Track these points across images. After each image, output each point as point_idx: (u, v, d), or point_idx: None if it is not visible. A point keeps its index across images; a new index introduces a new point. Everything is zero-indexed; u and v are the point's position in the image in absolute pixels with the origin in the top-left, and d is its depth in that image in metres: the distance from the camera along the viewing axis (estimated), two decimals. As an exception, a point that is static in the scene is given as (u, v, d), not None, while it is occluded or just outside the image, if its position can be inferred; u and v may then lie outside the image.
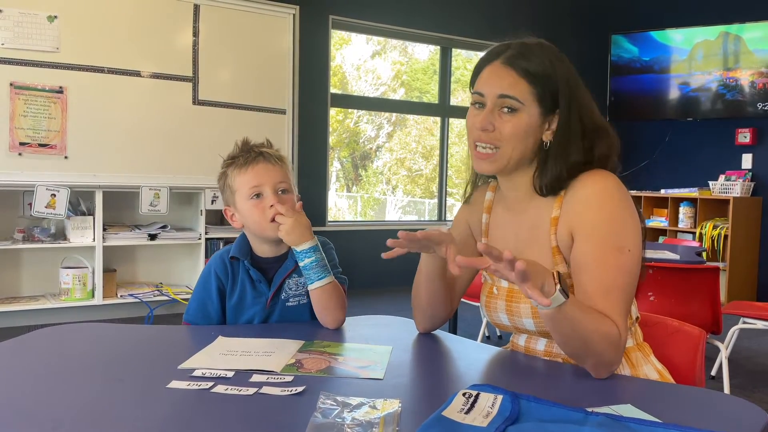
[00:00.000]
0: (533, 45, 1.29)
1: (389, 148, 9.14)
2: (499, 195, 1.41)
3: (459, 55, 6.85)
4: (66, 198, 4.15)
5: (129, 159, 4.42)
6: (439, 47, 6.56)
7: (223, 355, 1.20)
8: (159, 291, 4.59)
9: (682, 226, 6.01)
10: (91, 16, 4.29)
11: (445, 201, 6.69)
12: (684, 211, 5.99)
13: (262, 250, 1.53)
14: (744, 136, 5.94)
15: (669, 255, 3.31)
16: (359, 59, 7.75)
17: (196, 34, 4.65)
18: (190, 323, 1.51)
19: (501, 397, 0.91)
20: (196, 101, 4.66)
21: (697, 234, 5.82)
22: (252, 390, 1.01)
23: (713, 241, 5.69)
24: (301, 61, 5.29)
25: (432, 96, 7.19)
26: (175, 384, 1.04)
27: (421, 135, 8.89)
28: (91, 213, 4.39)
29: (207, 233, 4.76)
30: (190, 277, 4.81)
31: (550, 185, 1.27)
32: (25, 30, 4.09)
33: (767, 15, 5.69)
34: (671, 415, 0.93)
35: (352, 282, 1.62)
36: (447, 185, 6.72)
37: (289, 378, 1.08)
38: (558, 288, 1.02)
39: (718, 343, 2.88)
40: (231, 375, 1.08)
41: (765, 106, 5.72)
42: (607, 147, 1.29)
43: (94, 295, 4.38)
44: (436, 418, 0.86)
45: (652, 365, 1.29)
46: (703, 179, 6.11)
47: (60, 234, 4.40)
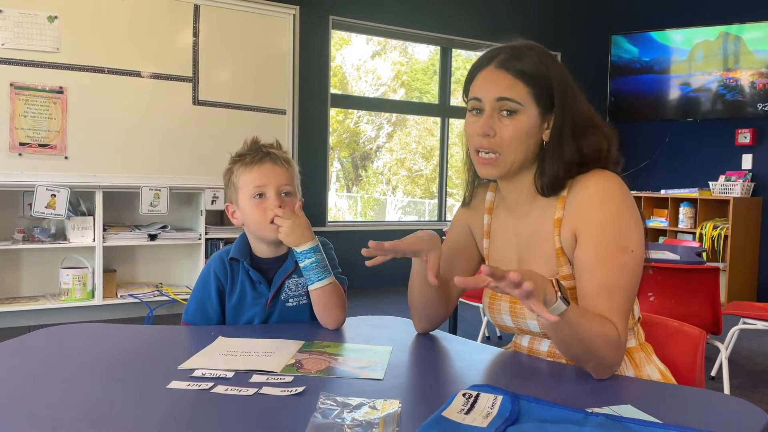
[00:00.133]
0: (524, 47, 1.29)
1: (389, 148, 9.15)
2: (500, 196, 1.40)
3: (459, 56, 6.85)
4: (66, 198, 4.15)
5: (129, 159, 4.42)
6: (439, 47, 6.56)
7: (223, 356, 1.20)
8: (159, 291, 4.59)
9: (682, 226, 6.00)
10: (91, 16, 4.29)
11: (445, 201, 6.69)
12: (684, 212, 5.99)
13: (261, 250, 1.53)
14: (744, 136, 5.94)
15: (669, 255, 3.31)
16: (359, 59, 7.75)
17: (196, 34, 4.66)
18: (189, 323, 1.52)
19: (501, 398, 0.91)
20: (196, 101, 4.66)
21: (697, 234, 5.82)
22: (252, 390, 1.01)
23: (713, 242, 5.69)
24: (301, 62, 5.30)
25: (432, 96, 7.19)
26: (175, 384, 1.04)
27: (421, 135, 8.89)
28: (91, 213, 4.39)
29: (207, 233, 4.76)
30: (190, 278, 4.81)
31: (549, 185, 1.27)
32: (26, 30, 4.09)
33: (767, 15, 5.69)
34: (671, 416, 0.93)
35: (352, 282, 1.62)
36: (447, 186, 6.72)
37: (289, 378, 1.08)
38: (559, 296, 1.01)
39: (718, 344, 2.88)
40: (231, 375, 1.08)
41: (765, 106, 5.72)
42: (604, 142, 1.29)
43: (94, 296, 4.38)
44: (435, 418, 0.86)
45: (654, 365, 1.29)
46: (703, 179, 6.11)
47: (60, 234, 4.40)
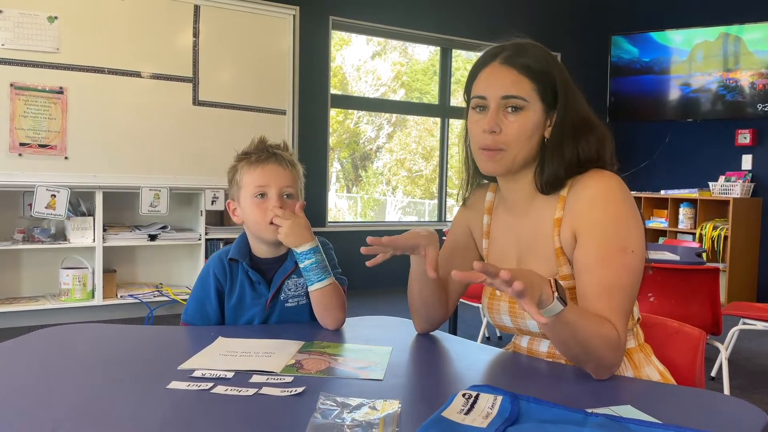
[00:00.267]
0: (527, 44, 1.29)
1: (389, 148, 9.15)
2: (500, 196, 1.40)
3: (459, 56, 6.85)
4: (66, 198, 4.15)
5: (129, 159, 4.42)
6: (439, 48, 6.56)
7: (223, 356, 1.20)
8: (159, 292, 4.59)
9: (682, 226, 6.00)
10: (92, 16, 4.29)
11: (445, 202, 6.69)
12: (684, 212, 5.99)
13: (261, 250, 1.53)
14: (744, 137, 5.94)
15: (669, 256, 3.31)
16: (359, 60, 7.75)
17: (196, 34, 4.66)
18: (188, 323, 1.52)
19: (500, 398, 0.91)
20: (196, 102, 4.66)
21: (697, 235, 5.82)
22: (252, 391, 1.01)
23: (713, 242, 5.69)
24: (301, 62, 5.30)
25: (432, 97, 7.19)
26: (175, 384, 1.04)
27: (421, 136, 8.89)
28: (91, 213, 4.39)
29: (207, 234, 4.76)
30: (190, 278, 4.81)
31: (549, 182, 1.27)
32: (26, 31, 4.09)
33: (767, 16, 5.69)
34: (671, 416, 0.93)
35: (351, 283, 1.62)
36: (447, 186, 6.72)
37: (289, 379, 1.08)
38: (556, 296, 1.01)
39: (718, 344, 2.88)
40: (231, 376, 1.08)
41: (765, 107, 5.72)
42: (601, 143, 1.29)
43: (94, 296, 4.38)
44: (435, 418, 0.86)
45: (654, 366, 1.29)
46: (703, 180, 6.11)
47: (60, 234, 4.40)
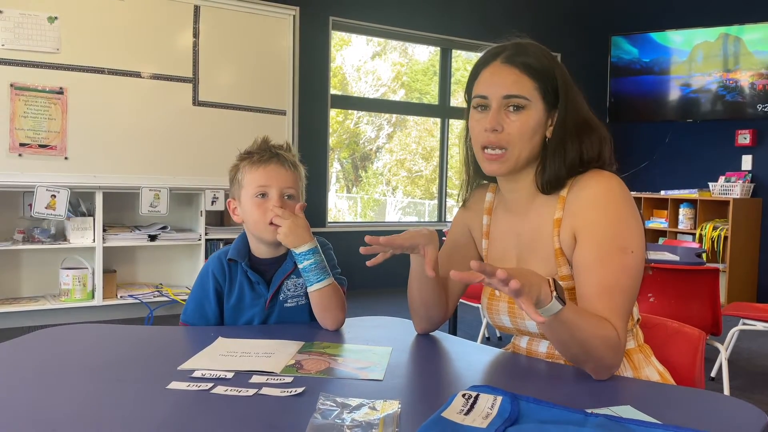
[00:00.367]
0: (527, 43, 1.30)
1: (389, 149, 9.15)
2: (500, 197, 1.40)
3: (459, 57, 6.86)
4: (66, 199, 4.15)
5: (129, 160, 4.42)
6: (439, 48, 6.56)
7: (223, 356, 1.20)
8: (159, 292, 4.59)
9: (681, 227, 6.00)
10: (92, 17, 4.29)
11: (445, 202, 6.69)
12: (684, 213, 5.99)
13: (260, 250, 1.53)
14: (744, 137, 5.95)
15: (669, 256, 3.31)
16: (359, 60, 7.76)
17: (196, 35, 4.66)
18: (187, 324, 1.52)
19: (500, 398, 0.91)
20: (196, 102, 4.66)
21: (697, 235, 5.82)
22: (252, 391, 1.01)
23: (713, 243, 5.69)
24: (301, 62, 5.30)
25: (432, 97, 7.19)
26: (175, 385, 1.04)
27: (421, 136, 8.89)
28: (91, 214, 4.39)
29: (207, 234, 4.75)
30: (190, 278, 4.81)
31: (551, 182, 1.27)
32: (26, 31, 4.09)
33: (767, 16, 5.69)
34: (671, 417, 0.93)
35: (351, 283, 1.61)
36: (447, 186, 6.72)
37: (289, 379, 1.08)
38: (554, 296, 1.01)
39: (717, 345, 2.88)
40: (231, 376, 1.08)
41: (765, 107, 5.72)
42: (602, 143, 1.29)
43: (94, 296, 4.38)
44: (435, 419, 0.86)
45: (653, 367, 1.29)
46: (703, 180, 6.11)
47: (60, 235, 4.40)
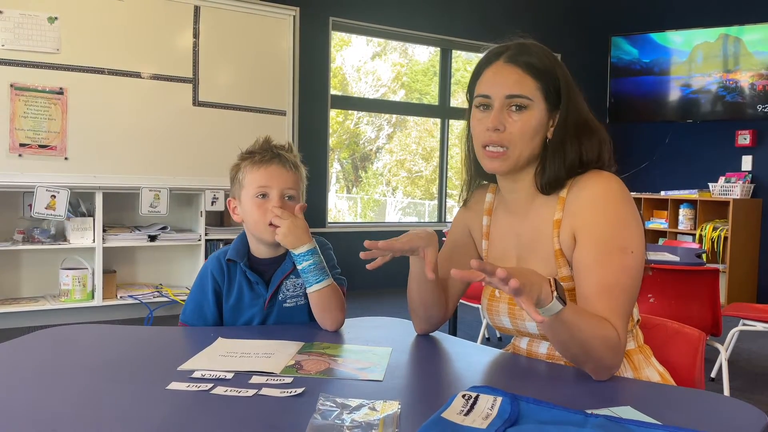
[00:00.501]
0: (530, 43, 1.30)
1: (389, 149, 9.15)
2: (500, 197, 1.40)
3: (459, 57, 6.86)
4: (66, 199, 4.15)
5: (129, 160, 4.42)
6: (439, 49, 6.56)
7: (223, 357, 1.20)
8: (159, 292, 4.59)
9: (681, 227, 6.00)
10: (92, 17, 4.28)
11: (445, 203, 6.69)
12: (684, 213, 5.99)
13: (260, 250, 1.53)
14: (744, 137, 5.94)
15: (669, 257, 3.30)
16: (359, 61, 7.76)
17: (196, 35, 4.66)
18: (186, 324, 1.52)
19: (500, 399, 0.91)
20: (196, 102, 4.66)
21: (697, 236, 5.82)
22: (251, 391, 1.01)
23: (713, 243, 5.69)
24: (302, 63, 5.30)
25: (432, 97, 7.19)
26: (175, 385, 1.04)
27: (421, 136, 8.89)
28: (91, 214, 4.39)
29: (207, 234, 4.75)
30: (189, 279, 4.81)
31: (549, 183, 1.27)
32: (26, 31, 4.09)
33: (767, 17, 5.69)
34: (671, 417, 0.93)
35: (351, 283, 1.61)
36: (447, 187, 6.72)
37: (289, 379, 1.08)
38: (555, 296, 1.01)
39: (717, 345, 2.88)
40: (230, 376, 1.08)
41: (765, 107, 5.72)
42: (601, 145, 1.29)
43: (93, 297, 4.37)
44: (435, 419, 0.86)
45: (653, 367, 1.29)
46: (703, 181, 6.11)
47: (60, 235, 4.40)
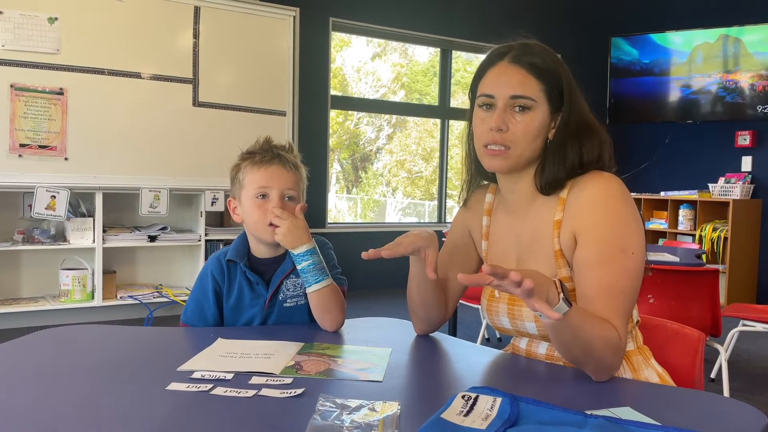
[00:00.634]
0: (534, 44, 1.30)
1: (389, 150, 9.15)
2: (500, 197, 1.40)
3: (459, 57, 6.86)
4: (66, 199, 4.15)
5: (129, 160, 4.42)
6: (439, 49, 6.57)
7: (223, 357, 1.20)
8: (159, 293, 4.59)
9: (681, 228, 6.01)
10: (92, 17, 4.28)
11: (445, 203, 6.69)
12: (684, 214, 5.99)
13: (260, 250, 1.53)
14: (744, 138, 5.95)
15: (669, 257, 3.31)
16: (359, 61, 7.76)
17: (196, 36, 4.66)
18: (187, 324, 1.52)
19: (500, 400, 0.91)
20: (196, 103, 4.66)
21: (697, 236, 5.82)
22: (251, 392, 1.01)
23: (713, 244, 5.69)
24: (302, 63, 5.30)
25: (432, 98, 7.19)
26: (175, 386, 1.04)
27: (421, 137, 8.89)
28: (91, 214, 4.39)
29: (207, 235, 4.75)
30: (189, 279, 4.81)
31: (549, 183, 1.27)
32: (26, 32, 4.09)
33: (767, 17, 5.69)
34: (670, 418, 0.93)
35: (351, 284, 1.61)
36: (447, 187, 6.72)
37: (289, 380, 1.08)
38: (561, 297, 1.01)
39: (717, 346, 2.88)
40: (230, 377, 1.08)
41: (765, 108, 5.72)
42: (602, 146, 1.29)
43: (93, 297, 4.37)
44: (435, 420, 0.86)
45: (652, 368, 1.29)
46: (703, 181, 6.11)
47: (60, 235, 4.40)
